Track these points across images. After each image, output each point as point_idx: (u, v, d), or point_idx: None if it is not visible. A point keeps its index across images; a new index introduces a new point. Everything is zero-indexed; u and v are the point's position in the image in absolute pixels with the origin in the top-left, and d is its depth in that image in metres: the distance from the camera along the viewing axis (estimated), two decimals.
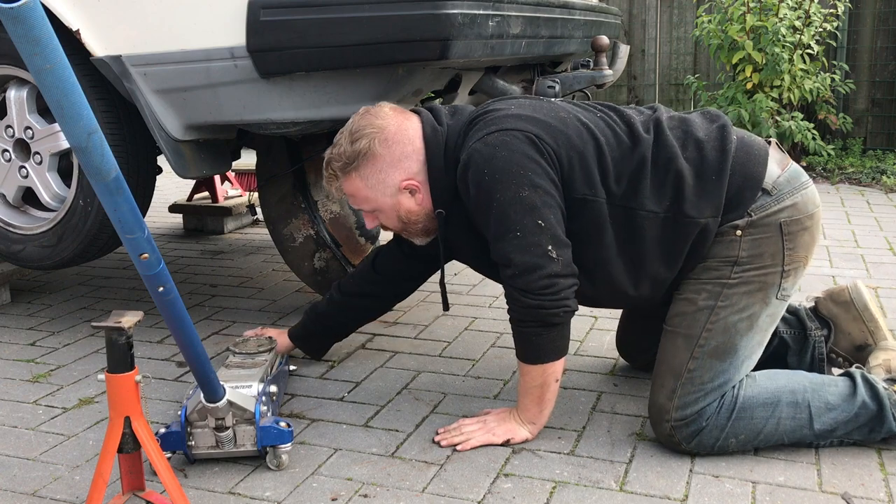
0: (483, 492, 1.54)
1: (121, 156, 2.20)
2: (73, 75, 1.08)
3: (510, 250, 1.57)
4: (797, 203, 1.63)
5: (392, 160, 1.66)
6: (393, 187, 1.68)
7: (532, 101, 1.70)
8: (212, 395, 1.55)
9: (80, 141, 1.14)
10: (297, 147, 2.51)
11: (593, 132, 1.62)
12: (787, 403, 1.62)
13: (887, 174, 4.78)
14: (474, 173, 1.58)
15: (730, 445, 1.63)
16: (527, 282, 1.57)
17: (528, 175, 1.55)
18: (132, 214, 1.24)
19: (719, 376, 1.62)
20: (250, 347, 1.89)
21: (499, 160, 1.56)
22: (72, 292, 2.93)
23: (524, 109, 1.65)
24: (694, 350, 1.63)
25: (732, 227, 1.61)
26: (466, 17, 1.83)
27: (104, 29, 2.05)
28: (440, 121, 1.71)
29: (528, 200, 1.55)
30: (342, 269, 2.49)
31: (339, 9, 1.83)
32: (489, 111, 1.67)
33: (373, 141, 1.65)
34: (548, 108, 1.67)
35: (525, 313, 1.60)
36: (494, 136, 1.58)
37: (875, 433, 1.63)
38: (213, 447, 1.61)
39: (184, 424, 1.60)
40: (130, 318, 1.39)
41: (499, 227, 1.58)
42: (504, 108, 1.67)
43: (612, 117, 1.68)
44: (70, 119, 1.12)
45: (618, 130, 1.64)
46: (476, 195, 1.59)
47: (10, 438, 1.81)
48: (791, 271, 1.64)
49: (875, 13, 5.38)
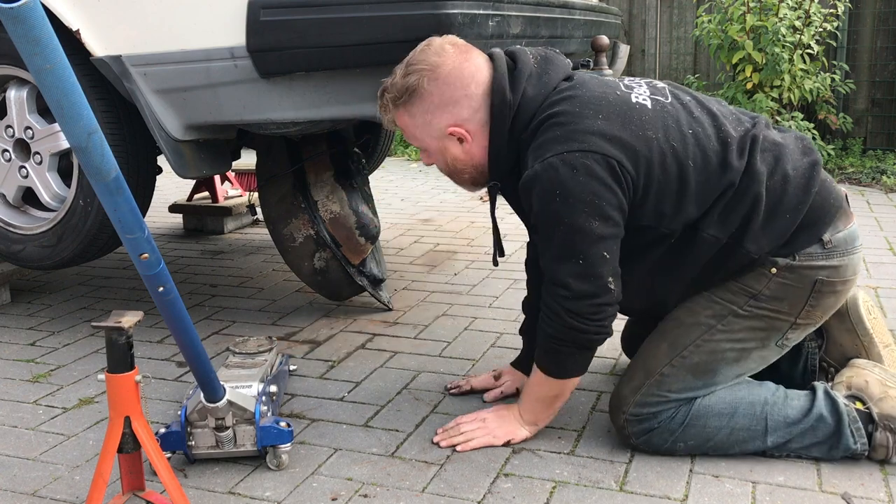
0: (483, 492, 1.54)
1: (121, 156, 2.20)
2: (73, 75, 1.08)
3: (569, 275, 1.51)
4: (841, 266, 1.59)
5: (441, 102, 1.57)
6: (439, 130, 1.60)
7: (621, 108, 1.54)
8: (212, 395, 1.55)
9: (80, 141, 1.14)
10: (297, 147, 2.51)
11: (679, 158, 1.53)
12: (743, 415, 1.61)
13: (887, 174, 4.78)
14: (545, 191, 1.49)
15: (678, 449, 1.64)
16: (579, 306, 1.52)
17: (602, 205, 1.48)
18: (132, 214, 1.25)
19: (687, 391, 1.62)
20: (250, 347, 1.89)
21: (574, 185, 1.47)
22: (72, 292, 2.93)
23: (612, 121, 1.51)
24: (674, 359, 1.62)
25: (772, 262, 1.57)
26: (466, 17, 1.83)
27: (104, 29, 2.05)
28: (517, 83, 1.57)
29: (598, 232, 1.49)
30: (342, 269, 2.49)
31: (339, 9, 1.83)
32: (574, 110, 1.52)
33: (423, 78, 1.56)
34: (637, 119, 1.53)
35: (566, 333, 1.55)
36: (575, 158, 1.47)
37: (834, 450, 1.60)
38: (213, 447, 1.61)
39: (184, 424, 1.60)
40: (130, 318, 1.39)
41: (562, 249, 1.52)
42: (591, 110, 1.52)
43: (706, 132, 1.57)
44: (70, 119, 1.12)
45: (709, 151, 1.55)
46: (542, 212, 1.52)
47: (10, 438, 1.81)
48: (801, 326, 1.63)
49: (875, 13, 5.38)
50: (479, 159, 1.63)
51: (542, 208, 1.51)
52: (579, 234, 1.49)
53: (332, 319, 2.56)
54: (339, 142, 2.60)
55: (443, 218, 4.08)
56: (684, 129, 1.56)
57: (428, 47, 1.58)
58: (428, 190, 4.88)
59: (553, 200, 1.49)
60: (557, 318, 1.55)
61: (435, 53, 1.57)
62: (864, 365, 1.71)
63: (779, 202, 1.55)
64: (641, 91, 1.60)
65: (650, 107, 1.57)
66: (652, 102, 1.58)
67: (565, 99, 1.55)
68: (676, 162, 1.53)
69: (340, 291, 2.59)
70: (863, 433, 1.59)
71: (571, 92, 1.56)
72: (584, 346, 1.58)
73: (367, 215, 2.52)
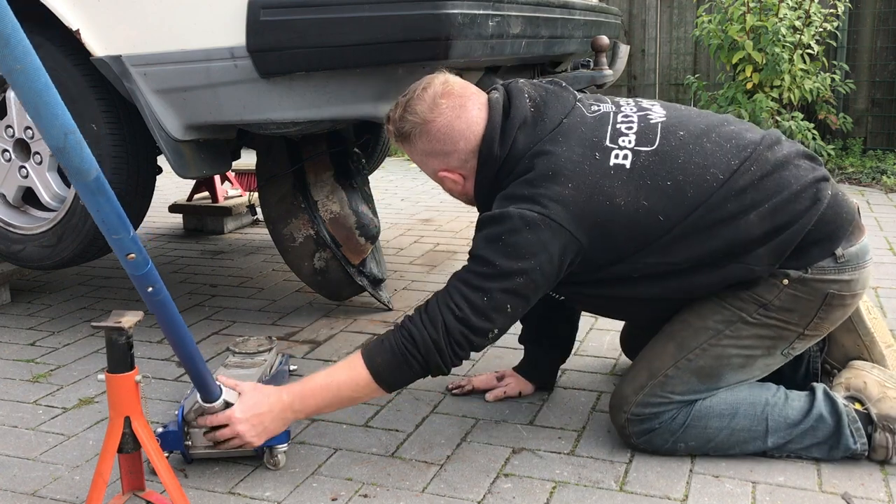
0: (483, 492, 1.54)
1: (121, 156, 2.20)
2: (46, 75, 1.06)
3: (467, 300, 1.50)
4: (853, 280, 1.59)
5: (431, 152, 1.63)
6: (432, 170, 1.67)
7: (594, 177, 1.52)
8: (208, 395, 1.54)
9: (57, 142, 1.12)
10: (297, 147, 2.51)
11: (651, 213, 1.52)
12: (744, 415, 1.61)
13: (887, 174, 4.78)
14: (492, 232, 1.51)
15: (679, 450, 1.64)
16: (456, 330, 1.50)
17: (536, 269, 1.49)
18: (115, 215, 1.22)
19: (691, 394, 1.62)
20: (250, 347, 1.89)
21: (521, 240, 1.48)
22: (72, 292, 2.93)
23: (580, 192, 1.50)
24: (680, 361, 1.62)
25: (783, 274, 1.57)
26: (466, 17, 1.83)
27: (104, 29, 2.05)
28: (507, 134, 1.58)
29: (518, 288, 1.50)
30: (342, 269, 2.49)
31: (339, 9, 1.83)
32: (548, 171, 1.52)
33: (415, 129, 1.61)
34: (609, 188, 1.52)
35: (427, 346, 1.51)
36: (534, 218, 1.48)
37: (834, 451, 1.60)
38: (211, 447, 1.61)
39: (181, 424, 1.60)
40: (130, 318, 1.39)
41: (477, 279, 1.51)
42: (564, 176, 1.51)
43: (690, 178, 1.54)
44: (45, 120, 1.09)
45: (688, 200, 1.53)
46: (482, 247, 1.52)
47: (10, 438, 1.81)
48: (809, 337, 1.63)
49: (875, 13, 5.38)
50: (472, 193, 1.68)
51: (484, 244, 1.52)
52: (502, 279, 1.49)
53: (332, 319, 2.56)
54: (339, 142, 2.60)
55: (443, 218, 4.08)
56: (660, 184, 1.54)
57: (424, 94, 1.60)
58: (428, 190, 4.88)
59: (496, 242, 1.50)
60: (431, 328, 1.51)
61: (429, 109, 1.59)
62: (862, 366, 1.72)
63: (780, 226, 1.54)
64: (626, 143, 1.57)
65: (628, 166, 1.55)
66: (632, 159, 1.55)
67: (547, 159, 1.54)
68: (645, 220, 1.53)
69: (340, 291, 2.59)
70: (862, 433, 1.59)
71: (555, 150, 1.55)
72: (429, 367, 1.53)
73: (367, 215, 2.52)
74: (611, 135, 1.59)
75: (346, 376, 1.56)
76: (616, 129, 1.60)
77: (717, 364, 1.62)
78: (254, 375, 1.74)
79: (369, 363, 1.54)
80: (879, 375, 1.68)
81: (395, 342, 1.53)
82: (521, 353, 2.00)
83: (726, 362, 1.62)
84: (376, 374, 1.53)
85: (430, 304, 1.55)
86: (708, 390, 1.63)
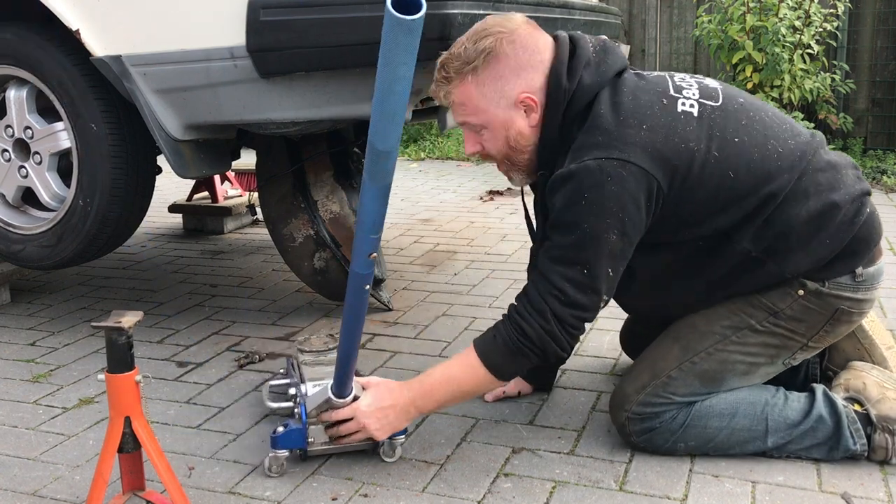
0: (483, 492, 1.54)
1: (121, 156, 2.20)
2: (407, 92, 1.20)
3: (568, 280, 1.46)
4: (864, 300, 1.59)
5: (517, 65, 1.49)
6: (509, 98, 1.51)
7: (666, 119, 1.48)
8: (343, 392, 1.58)
9: (390, 146, 1.23)
10: (297, 147, 2.51)
11: (720, 167, 1.48)
12: (744, 415, 1.61)
13: (887, 174, 4.78)
14: (574, 191, 1.44)
15: (679, 449, 1.64)
16: (566, 315, 1.47)
17: (626, 222, 1.44)
18: (383, 217, 1.36)
19: (692, 396, 1.62)
20: (317, 345, 1.90)
21: (605, 193, 1.42)
22: (72, 292, 2.93)
23: (655, 133, 1.46)
24: (683, 363, 1.62)
25: (801, 283, 1.56)
26: (466, 18, 1.82)
27: (104, 29, 2.05)
28: (574, 70, 1.51)
29: (613, 247, 1.45)
30: (342, 269, 2.49)
31: (338, 9, 1.83)
32: (619, 117, 1.47)
33: (500, 40, 1.48)
34: (681, 130, 1.48)
35: (541, 337, 1.48)
36: (613, 166, 1.42)
37: (834, 451, 1.60)
38: (326, 442, 1.63)
39: (305, 422, 1.61)
40: (130, 318, 1.39)
41: (570, 253, 1.46)
42: (637, 119, 1.47)
43: (754, 141, 1.52)
44: (395, 125, 1.21)
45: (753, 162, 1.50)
46: (564, 211, 1.46)
47: (10, 438, 1.81)
48: (811, 348, 1.64)
49: (875, 13, 5.38)
50: (531, 151, 1.57)
51: (565, 207, 1.45)
52: (594, 242, 1.44)
53: (333, 319, 2.56)
54: (339, 142, 2.60)
55: (443, 218, 4.08)
56: (728, 138, 1.51)
57: (494, 18, 1.53)
58: (428, 190, 4.88)
59: (579, 202, 1.44)
60: (540, 318, 1.48)
61: (507, 20, 1.52)
62: (861, 367, 1.72)
63: (823, 226, 1.53)
64: (690, 94, 1.55)
65: (696, 114, 1.51)
66: (699, 109, 1.52)
67: (613, 105, 1.50)
68: (717, 172, 1.49)
69: (340, 291, 2.59)
70: (862, 434, 1.59)
71: (619, 98, 1.51)
72: (547, 355, 1.51)
73: None
74: (674, 87, 1.56)
75: (465, 374, 1.56)
76: (677, 84, 1.58)
77: (720, 369, 1.62)
78: None
79: (486, 361, 1.53)
80: (879, 376, 1.68)
81: (508, 338, 1.51)
82: None
83: (730, 368, 1.62)
84: (495, 371, 1.53)
85: (531, 293, 1.50)
86: (709, 393, 1.63)
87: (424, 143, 6.46)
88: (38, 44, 2.20)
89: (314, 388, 1.65)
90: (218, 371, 2.17)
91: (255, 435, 1.80)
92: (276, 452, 1.61)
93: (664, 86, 1.56)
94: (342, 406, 1.59)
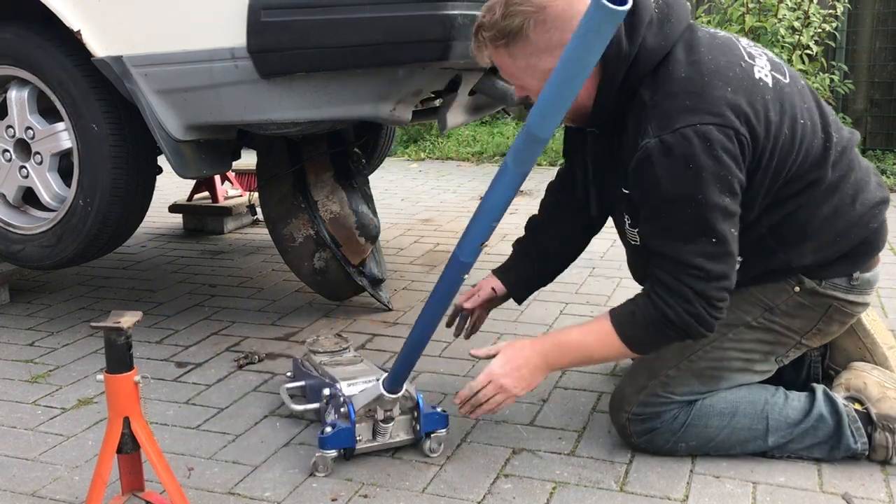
0: (483, 492, 1.54)
1: (121, 156, 2.20)
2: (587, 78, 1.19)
3: (701, 255, 1.41)
4: (856, 303, 1.61)
5: (547, 45, 1.41)
6: (542, 72, 1.42)
7: (747, 83, 1.44)
8: (397, 387, 1.59)
9: (548, 134, 1.23)
10: (297, 147, 2.51)
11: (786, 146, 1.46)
12: (744, 414, 1.62)
13: (887, 174, 4.79)
14: (674, 165, 1.38)
15: (680, 450, 1.64)
16: (711, 289, 1.43)
17: (732, 181, 1.39)
18: (508, 205, 1.34)
19: (691, 395, 1.63)
20: (328, 345, 1.91)
21: (709, 159, 1.37)
22: (71, 292, 2.93)
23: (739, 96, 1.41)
24: (681, 362, 1.62)
25: (798, 279, 1.57)
26: (466, 18, 1.82)
27: (105, 29, 2.05)
28: (635, 30, 1.43)
29: (730, 208, 1.41)
30: (342, 269, 2.49)
31: (339, 10, 1.83)
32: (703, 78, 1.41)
33: (527, 21, 1.40)
34: (761, 98, 1.44)
35: (685, 319, 1.44)
36: (710, 130, 1.37)
37: (835, 451, 1.61)
38: (370, 440, 1.64)
39: (354, 421, 1.61)
40: (129, 319, 1.39)
41: (692, 228, 1.41)
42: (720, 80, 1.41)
43: (814, 125, 1.51)
44: (557, 114, 1.21)
45: (812, 146, 1.49)
46: (668, 186, 1.39)
47: (10, 439, 1.80)
48: (802, 347, 1.65)
49: (874, 14, 5.38)
50: (584, 101, 1.48)
51: (670, 182, 1.39)
52: (713, 211, 1.39)
53: (332, 319, 2.56)
54: (339, 142, 2.60)
55: (443, 218, 4.08)
56: (797, 118, 1.48)
57: None
58: (428, 190, 4.88)
59: (684, 174, 1.38)
60: (683, 302, 1.43)
61: None
62: (862, 367, 1.72)
63: (839, 225, 1.53)
64: (763, 64, 1.50)
65: (771, 86, 1.47)
66: (773, 81, 1.48)
67: (692, 64, 1.43)
68: (785, 150, 1.47)
69: (340, 291, 2.59)
70: (863, 433, 1.59)
71: (697, 56, 1.44)
72: (691, 335, 1.46)
73: (367, 215, 2.52)
74: (746, 52, 1.52)
75: (599, 343, 1.53)
76: (748, 50, 1.53)
77: (717, 366, 1.62)
78: (373, 370, 1.78)
79: (622, 335, 1.50)
80: (879, 376, 1.68)
81: (650, 320, 1.47)
82: None
83: (727, 365, 1.62)
84: (632, 345, 1.51)
85: (665, 279, 1.45)
86: (707, 392, 1.63)
87: (424, 143, 6.46)
88: (38, 44, 2.20)
89: (349, 386, 1.66)
90: (217, 371, 2.17)
91: (254, 435, 1.80)
92: (323, 452, 1.61)
93: (737, 49, 1.50)
94: (395, 401, 1.60)
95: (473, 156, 6.08)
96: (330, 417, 1.67)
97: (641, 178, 1.43)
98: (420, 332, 1.53)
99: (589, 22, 1.12)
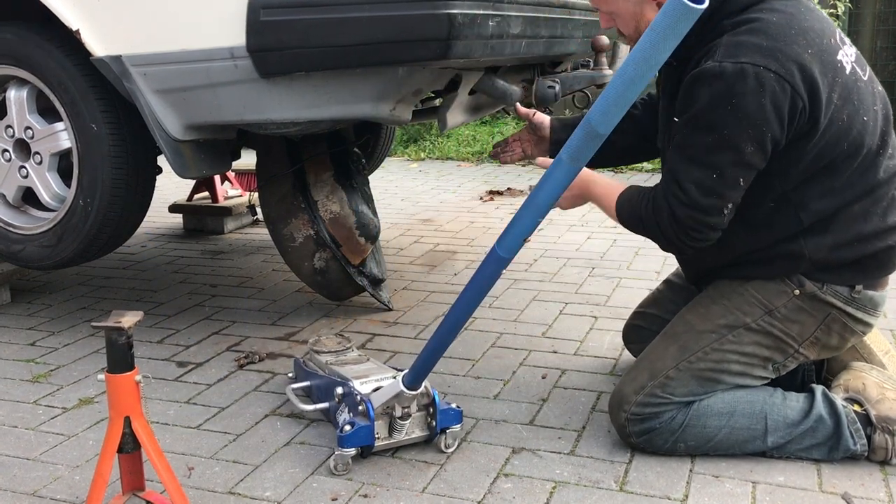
0: (483, 492, 1.54)
1: (121, 156, 2.20)
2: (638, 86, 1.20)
3: (695, 182, 1.45)
4: (857, 318, 1.61)
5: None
6: (644, 21, 1.52)
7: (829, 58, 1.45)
8: (416, 384, 1.59)
9: (605, 131, 1.23)
10: (297, 147, 2.51)
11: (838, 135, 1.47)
12: (742, 413, 1.62)
13: None
14: (720, 93, 1.39)
15: (678, 449, 1.64)
16: (686, 215, 1.48)
17: (766, 135, 1.40)
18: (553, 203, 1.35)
19: (690, 396, 1.63)
20: (332, 346, 1.91)
21: (753, 103, 1.37)
22: (72, 292, 2.93)
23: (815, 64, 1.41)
24: (681, 363, 1.63)
25: (799, 281, 1.58)
26: (466, 18, 1.82)
27: (104, 29, 2.05)
28: None
29: (749, 158, 1.42)
30: (342, 269, 2.49)
31: (339, 9, 1.82)
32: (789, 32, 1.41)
33: None
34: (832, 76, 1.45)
35: (655, 229, 1.54)
36: (769, 77, 1.37)
37: (834, 452, 1.61)
38: (387, 438, 1.65)
39: (373, 418, 1.61)
40: (130, 318, 1.39)
41: (703, 155, 1.43)
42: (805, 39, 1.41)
43: (875, 126, 1.53)
44: (622, 110, 1.21)
45: (865, 147, 1.50)
46: (704, 111, 1.41)
47: (10, 438, 1.81)
48: (800, 356, 1.64)
49: (875, 13, 5.39)
50: None
51: (709, 107, 1.41)
52: (730, 150, 1.41)
53: (332, 319, 2.56)
54: (339, 142, 2.60)
55: (443, 218, 4.08)
56: (860, 113, 1.49)
57: None
58: (428, 190, 4.88)
59: (724, 106, 1.39)
60: (658, 214, 1.51)
61: None
62: (861, 368, 1.72)
63: (865, 230, 1.54)
64: (849, 52, 1.52)
65: (848, 73, 1.48)
66: (851, 70, 1.50)
67: (787, 15, 1.44)
68: (836, 135, 1.47)
69: (340, 291, 2.60)
70: (862, 434, 1.59)
71: (794, 11, 1.46)
72: (660, 244, 1.57)
73: (367, 215, 2.52)
74: (839, 35, 1.53)
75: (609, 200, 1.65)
76: (840, 35, 1.54)
77: (717, 368, 1.62)
78: (383, 368, 1.79)
79: (618, 208, 1.62)
80: (878, 377, 1.68)
81: (635, 211, 1.58)
82: (520, 356, 1.99)
83: (726, 367, 1.62)
84: (620, 220, 1.63)
85: (657, 189, 1.52)
86: (705, 394, 1.64)
87: (424, 143, 6.46)
88: (38, 44, 2.20)
89: (362, 385, 1.67)
90: (218, 371, 2.17)
91: (254, 435, 1.80)
92: (342, 451, 1.61)
93: (831, 28, 1.52)
94: (413, 398, 1.61)
95: (473, 156, 6.08)
96: (343, 416, 1.67)
97: (688, 93, 1.45)
98: (448, 329, 1.53)
99: (665, 19, 1.12)
